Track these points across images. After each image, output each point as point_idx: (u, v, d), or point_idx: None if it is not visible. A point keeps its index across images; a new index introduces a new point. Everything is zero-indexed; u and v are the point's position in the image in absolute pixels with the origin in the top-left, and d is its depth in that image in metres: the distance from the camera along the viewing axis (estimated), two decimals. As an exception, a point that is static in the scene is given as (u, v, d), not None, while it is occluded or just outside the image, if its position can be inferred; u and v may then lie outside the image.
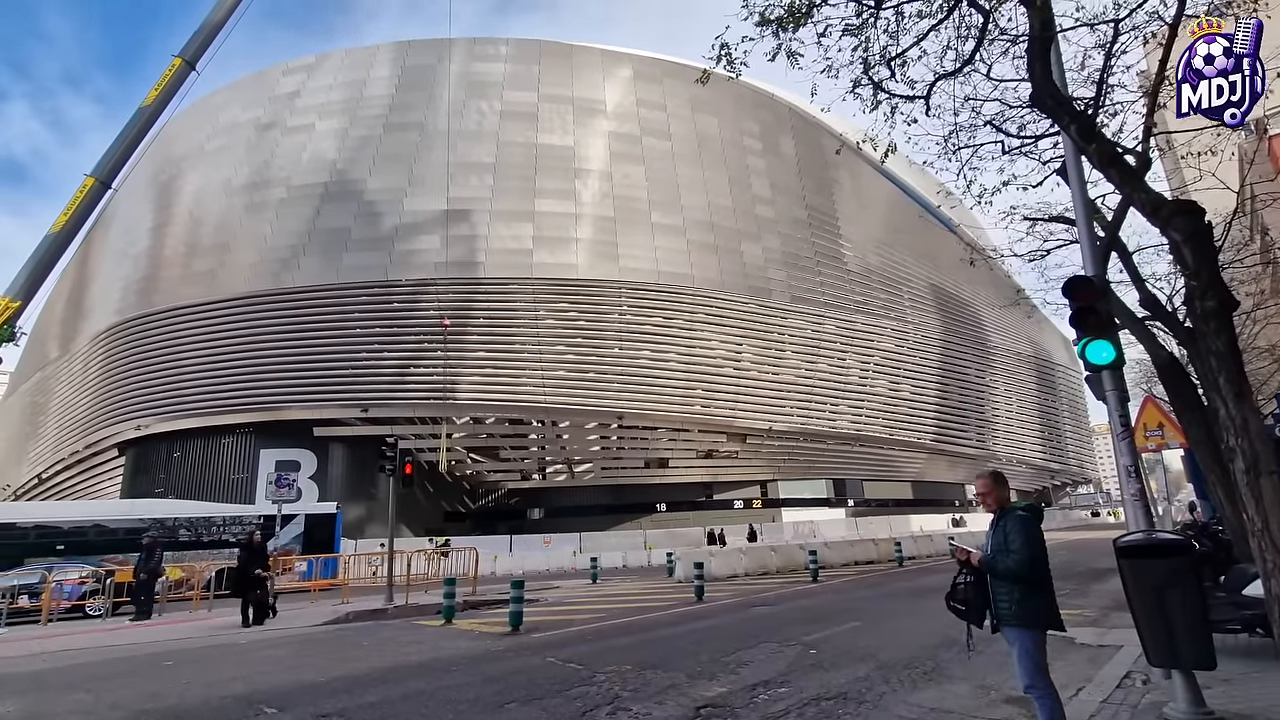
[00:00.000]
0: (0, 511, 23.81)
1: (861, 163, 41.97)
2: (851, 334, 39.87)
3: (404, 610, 12.89)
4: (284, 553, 20.30)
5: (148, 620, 13.61)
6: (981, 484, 3.84)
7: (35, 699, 6.65)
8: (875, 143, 7.65)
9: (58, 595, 14.86)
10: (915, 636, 7.80)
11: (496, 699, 5.59)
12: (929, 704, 4.94)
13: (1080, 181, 6.48)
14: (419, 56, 38.55)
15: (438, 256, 32.32)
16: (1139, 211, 4.90)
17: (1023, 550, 3.46)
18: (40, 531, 17.68)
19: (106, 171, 41.98)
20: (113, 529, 19.22)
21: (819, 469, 40.76)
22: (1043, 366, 55.50)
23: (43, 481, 39.12)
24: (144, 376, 33.14)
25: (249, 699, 6.04)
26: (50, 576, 14.87)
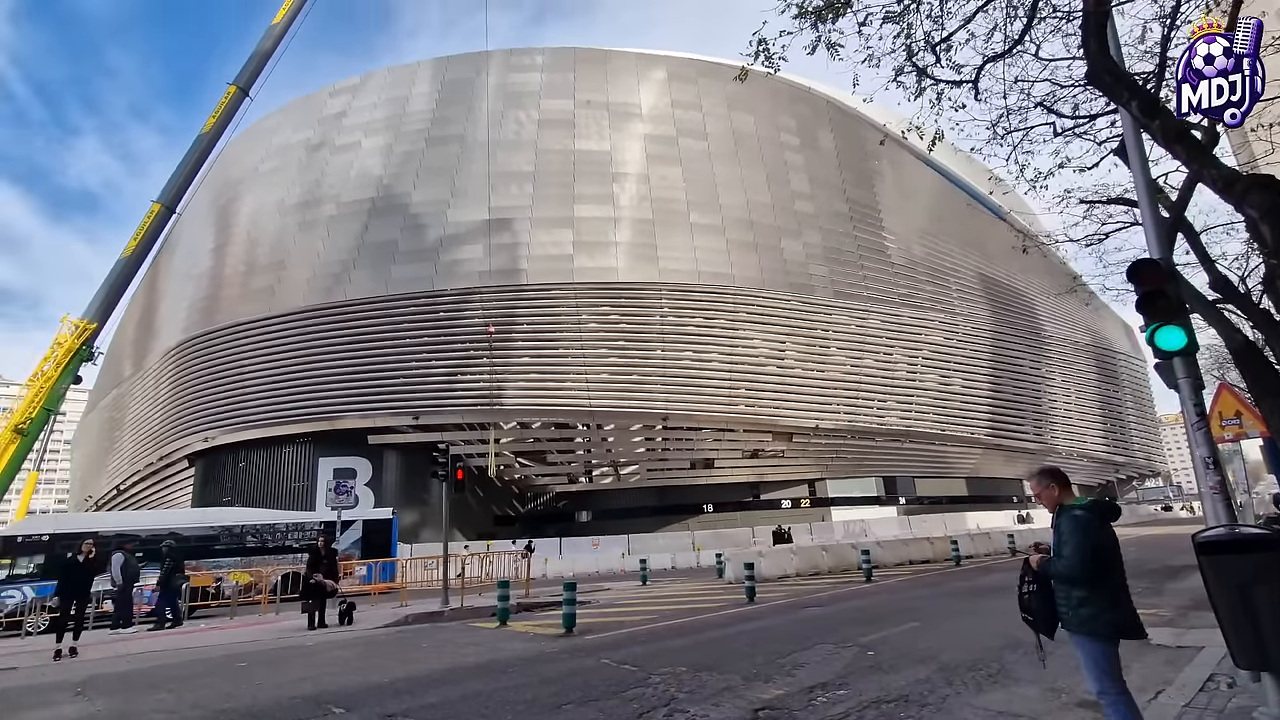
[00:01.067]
0: (84, 521, 25.30)
1: (904, 153, 41.05)
2: (898, 328, 38.92)
3: (460, 613, 13.16)
4: (343, 558, 20.97)
5: (178, 629, 13.92)
6: (1033, 484, 3.68)
7: (122, 699, 7.05)
8: (921, 131, 7.47)
9: (138, 600, 15.71)
10: (977, 637, 7.56)
11: (554, 700, 5.66)
12: (996, 707, 4.78)
13: (1142, 160, 6.18)
14: (458, 70, 39.42)
15: (481, 265, 32.94)
16: (1209, 188, 4.67)
17: (1073, 554, 3.27)
18: (120, 539, 18.66)
19: (171, 196, 44.32)
20: (185, 536, 20.19)
21: (868, 466, 39.90)
22: (1103, 355, 53.05)
23: (121, 492, 41.46)
24: (210, 391, 34.75)
25: (318, 699, 6.27)
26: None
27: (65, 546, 18.33)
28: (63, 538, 18.74)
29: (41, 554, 18.50)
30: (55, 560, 18.04)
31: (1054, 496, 3.56)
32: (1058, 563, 3.35)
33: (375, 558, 21.70)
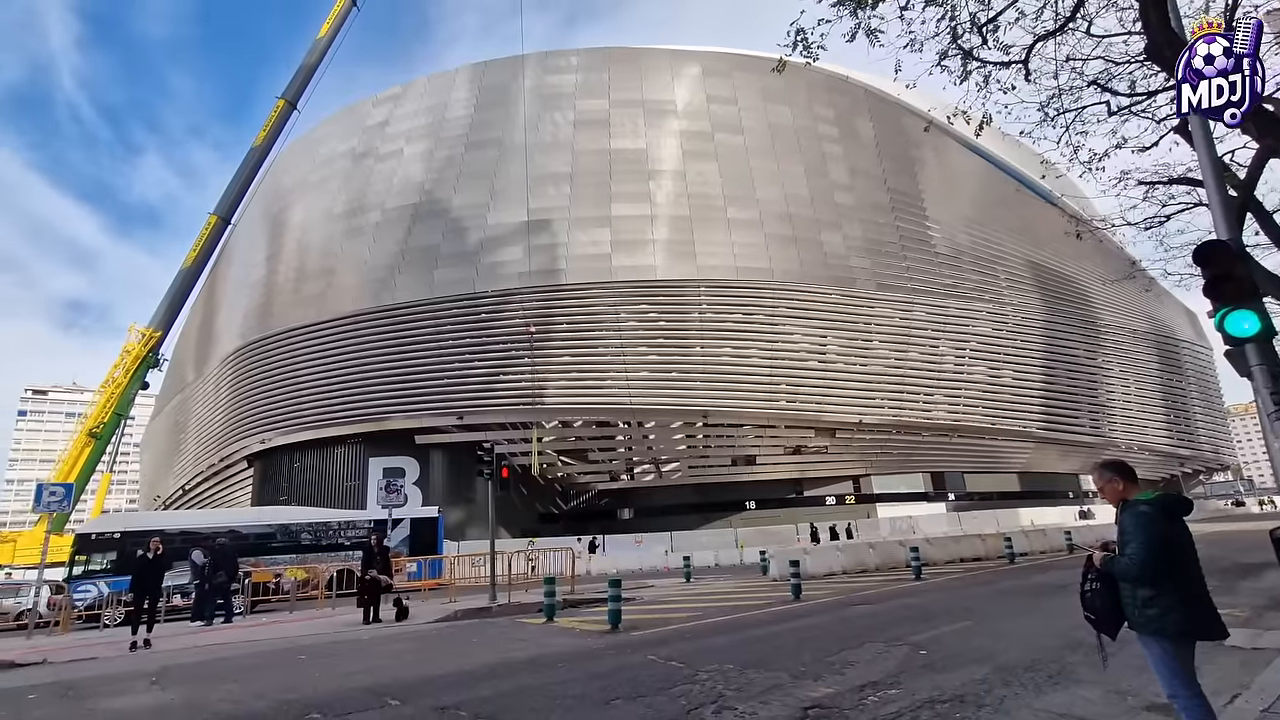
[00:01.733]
0: (151, 519, 26.62)
1: (947, 139, 39.90)
2: (944, 319, 37.88)
3: (507, 609, 13.39)
4: (393, 555, 21.58)
5: (227, 624, 14.33)
6: (1096, 477, 3.51)
7: (193, 689, 7.41)
8: (967, 116, 7.25)
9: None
10: (1035, 637, 7.31)
11: (602, 695, 5.71)
12: (1057, 709, 4.62)
13: (1206, 137, 5.87)
14: (495, 75, 40.00)
15: (521, 266, 33.39)
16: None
17: (1137, 551, 3.11)
18: (184, 537, 19.58)
19: (226, 208, 46.33)
20: (244, 534, 21.03)
21: (915, 462, 38.97)
22: (1164, 344, 50.57)
23: (186, 492, 43.52)
24: (265, 394, 36.15)
25: (374, 690, 6.47)
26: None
27: (134, 544, 19.31)
28: (132, 535, 19.74)
29: (113, 551, 19.50)
30: (126, 556, 19.04)
31: (1118, 491, 3.41)
32: (1121, 560, 3.21)
33: (422, 554, 22.24)
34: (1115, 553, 3.35)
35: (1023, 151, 40.34)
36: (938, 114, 14.81)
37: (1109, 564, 3.28)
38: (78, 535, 20.55)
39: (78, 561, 19.31)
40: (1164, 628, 3.12)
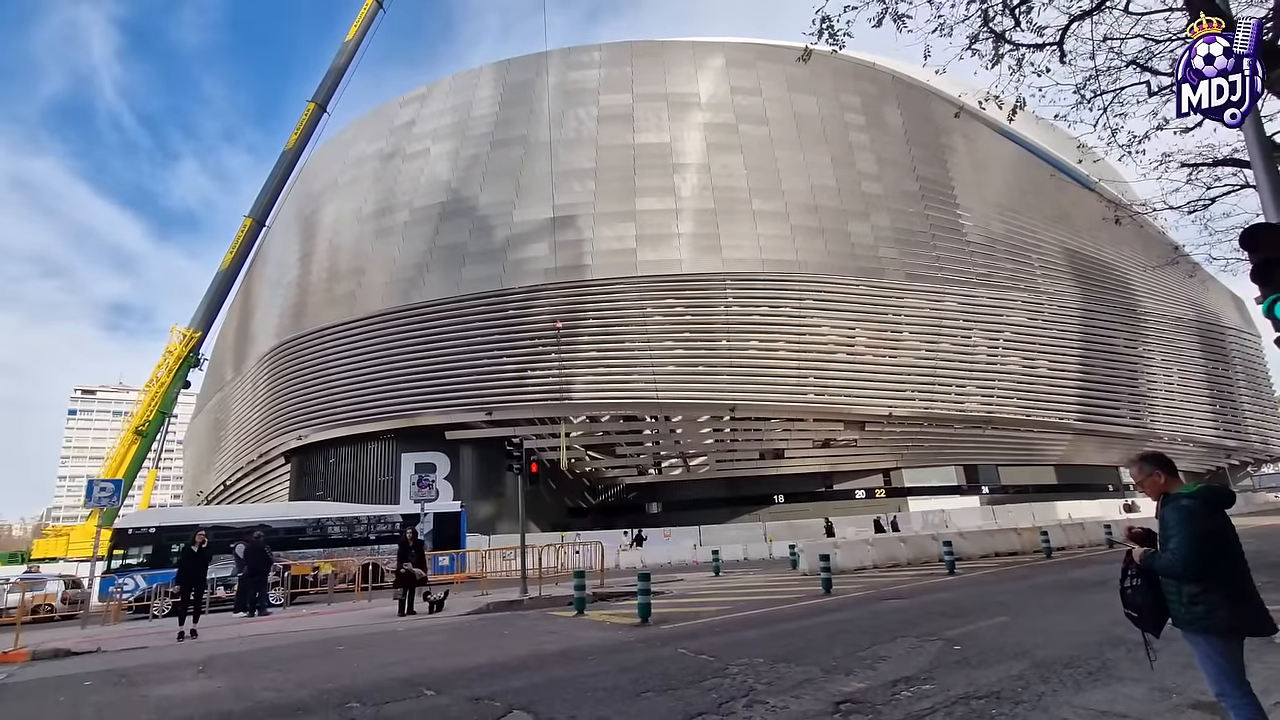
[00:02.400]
0: (186, 514, 27.44)
1: (979, 126, 38.97)
2: (976, 309, 37.08)
3: (538, 602, 13.55)
4: None
5: (265, 615, 14.74)
6: (1134, 470, 3.38)
7: (238, 677, 7.67)
8: (1000, 101, 7.07)
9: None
10: (1074, 633, 7.16)
11: (633, 688, 5.75)
12: (1098, 706, 4.53)
13: (1255, 115, 5.65)
14: (518, 73, 40.19)
15: (547, 263, 33.59)
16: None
17: (1179, 546, 3.02)
18: (217, 531, 20.12)
19: (260, 210, 47.47)
20: (274, 528, 21.48)
21: (947, 455, 38.30)
22: (1209, 331, 48.78)
23: (227, 488, 44.85)
24: (301, 392, 37.02)
25: (410, 681, 6.62)
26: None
27: (169, 539, 19.97)
28: (167, 530, 20.37)
29: (149, 545, 20.10)
30: (161, 551, 19.68)
31: (1159, 484, 3.31)
32: (1163, 556, 3.12)
33: (445, 548, 22.53)
34: (1151, 547, 3.26)
35: (1058, 136, 39.21)
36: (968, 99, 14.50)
37: (1150, 560, 3.20)
38: (115, 530, 21.12)
39: (115, 555, 19.96)
40: (1211, 624, 3.03)
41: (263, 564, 15.56)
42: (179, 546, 19.83)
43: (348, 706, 5.71)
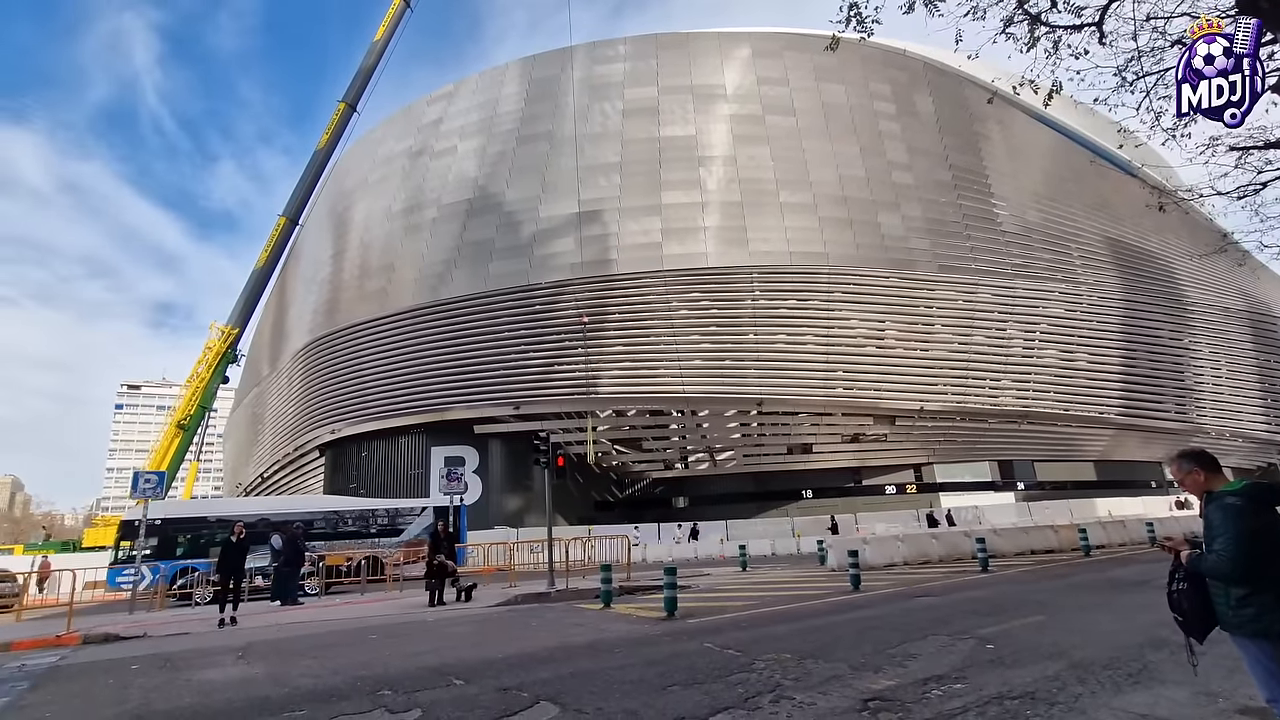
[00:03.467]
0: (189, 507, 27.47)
1: (1014, 111, 37.89)
2: (1011, 301, 36.15)
3: (565, 594, 13.66)
4: (416, 543, 21.74)
5: (298, 605, 15.09)
6: (1174, 468, 3.23)
7: (276, 663, 7.88)
8: (1035, 86, 6.84)
9: None
10: (1113, 634, 6.95)
11: (659, 681, 5.76)
12: (1138, 710, 4.39)
13: (1311, 97, 5.39)
14: (544, 69, 40.32)
15: (573, 258, 33.71)
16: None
17: (1226, 546, 2.89)
18: (221, 524, 20.35)
19: (294, 209, 48.58)
20: (276, 522, 21.61)
21: (981, 450, 37.48)
22: (1260, 321, 46.76)
23: (264, 480, 46.11)
24: (334, 386, 37.83)
25: (440, 670, 6.73)
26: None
27: (175, 530, 20.51)
28: (173, 522, 20.82)
29: (155, 537, 20.10)
30: (167, 542, 20.15)
31: (1199, 482, 3.17)
32: (1209, 558, 3.00)
33: None
34: (1199, 549, 3.14)
35: (1097, 120, 37.94)
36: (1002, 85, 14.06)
37: (1195, 562, 3.08)
38: (122, 522, 21.37)
39: (121, 547, 20.15)
40: (1261, 628, 2.91)
41: (297, 555, 15.97)
42: (185, 538, 20.37)
43: (380, 694, 5.83)
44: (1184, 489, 3.27)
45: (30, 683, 7.63)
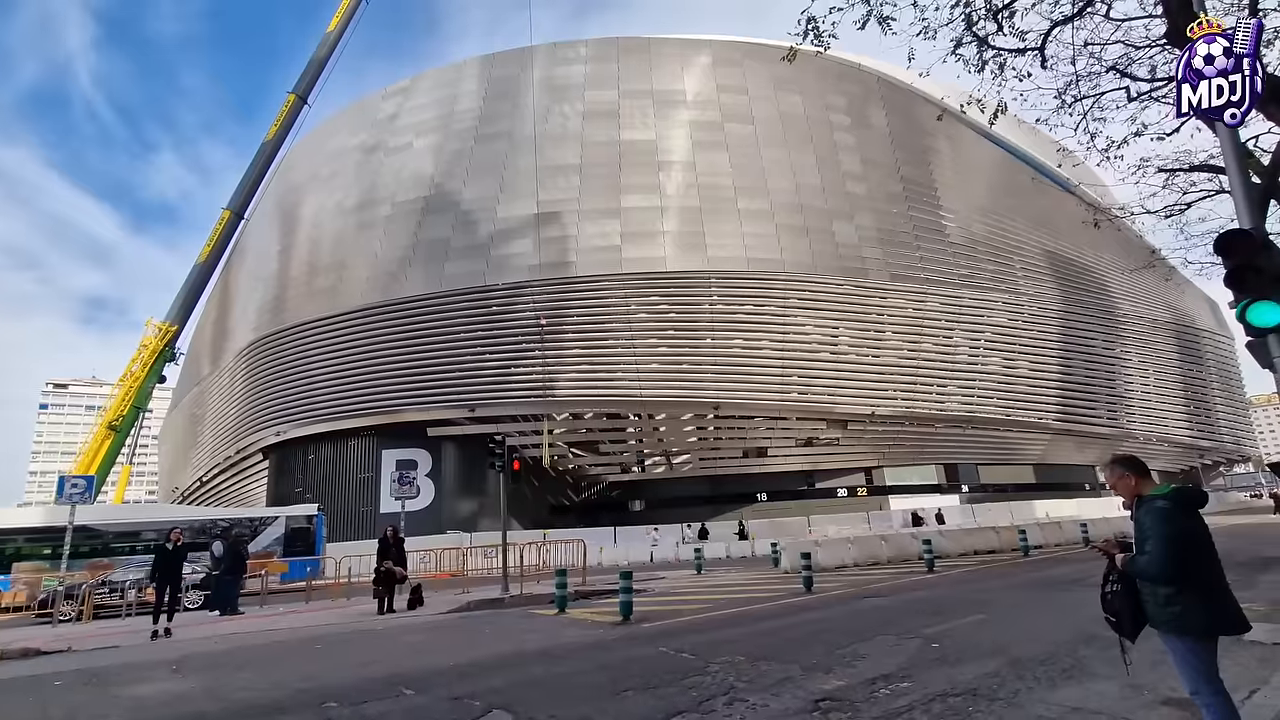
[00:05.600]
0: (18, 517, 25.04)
1: (962, 128, 39.32)
2: (958, 310, 37.51)
3: (519, 600, 13.49)
4: (264, 555, 20.82)
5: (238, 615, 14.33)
6: (1108, 474, 3.43)
7: (213, 676, 7.54)
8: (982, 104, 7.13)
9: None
10: (1049, 631, 7.27)
11: (613, 686, 5.74)
12: (1071, 703, 4.60)
13: (1229, 123, 5.75)
14: (503, 67, 39.90)
15: (531, 259, 33.40)
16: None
17: (1156, 548, 3.05)
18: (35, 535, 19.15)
19: (239, 203, 46.74)
20: (100, 533, 20.15)
21: (928, 454, 38.72)
22: (1185, 334, 49.78)
23: (204, 484, 44.11)
24: (280, 387, 36.50)
25: (389, 680, 6.55)
26: None
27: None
28: None
29: None
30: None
31: (1131, 486, 3.34)
32: (1140, 559, 3.16)
33: (299, 556, 21.20)
34: (1130, 551, 3.30)
35: (1039, 139, 39.73)
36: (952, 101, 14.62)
37: (1130, 564, 3.23)
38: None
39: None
40: (1186, 626, 3.08)
41: (238, 563, 15.34)
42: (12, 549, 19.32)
43: (325, 706, 5.64)
44: (1116, 492, 3.43)
45: (-62, 703, 7.10)
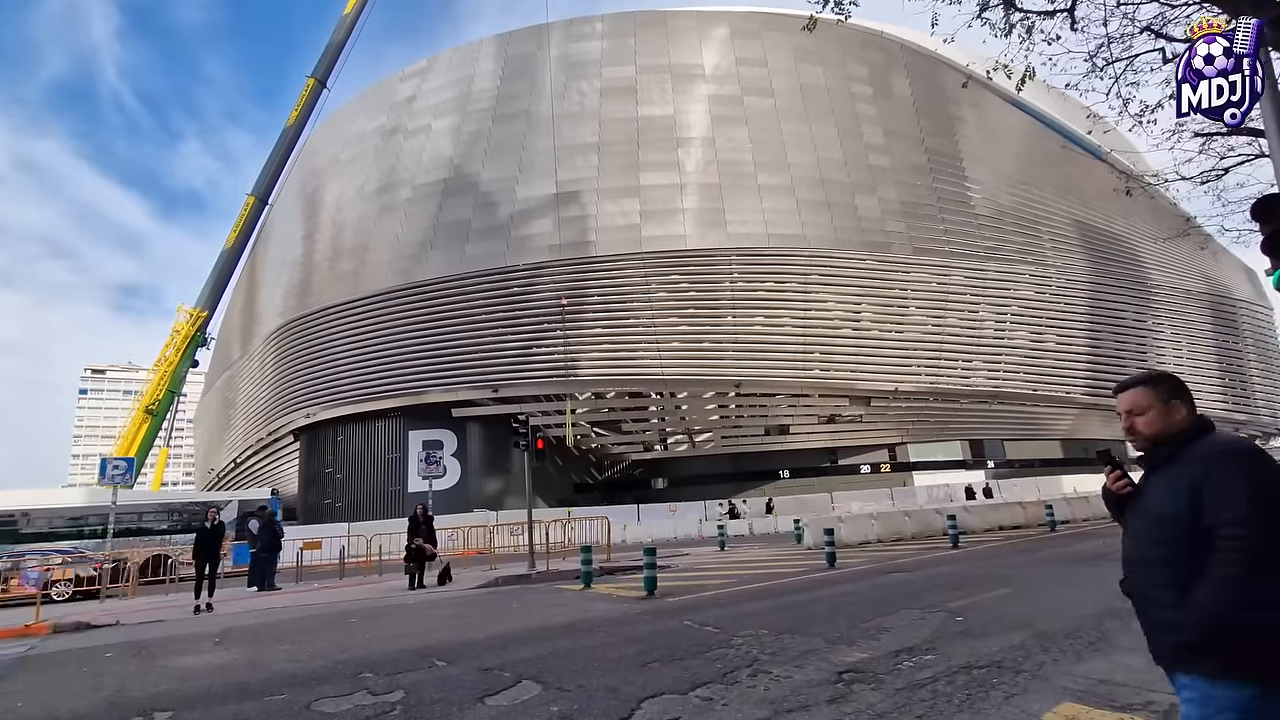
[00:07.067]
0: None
1: (989, 95, 38.23)
2: (984, 283, 36.78)
3: (545, 576, 13.75)
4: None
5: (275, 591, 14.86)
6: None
7: (254, 649, 7.85)
8: (1009, 70, 6.92)
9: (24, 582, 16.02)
10: (1075, 605, 7.23)
11: (639, 659, 5.86)
12: (1097, 675, 4.60)
13: (1272, 83, 5.53)
14: (519, 45, 39.55)
15: (551, 239, 33.40)
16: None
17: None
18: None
19: (263, 189, 47.32)
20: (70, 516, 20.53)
21: (953, 430, 38.33)
22: (1220, 304, 48.27)
23: (237, 465, 45.38)
24: (308, 370, 37.21)
25: (422, 652, 6.76)
26: None
27: None
28: None
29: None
30: None
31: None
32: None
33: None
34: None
35: (1069, 105, 38.47)
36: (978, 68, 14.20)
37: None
38: None
39: None
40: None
41: (274, 540, 15.84)
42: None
43: (361, 676, 5.85)
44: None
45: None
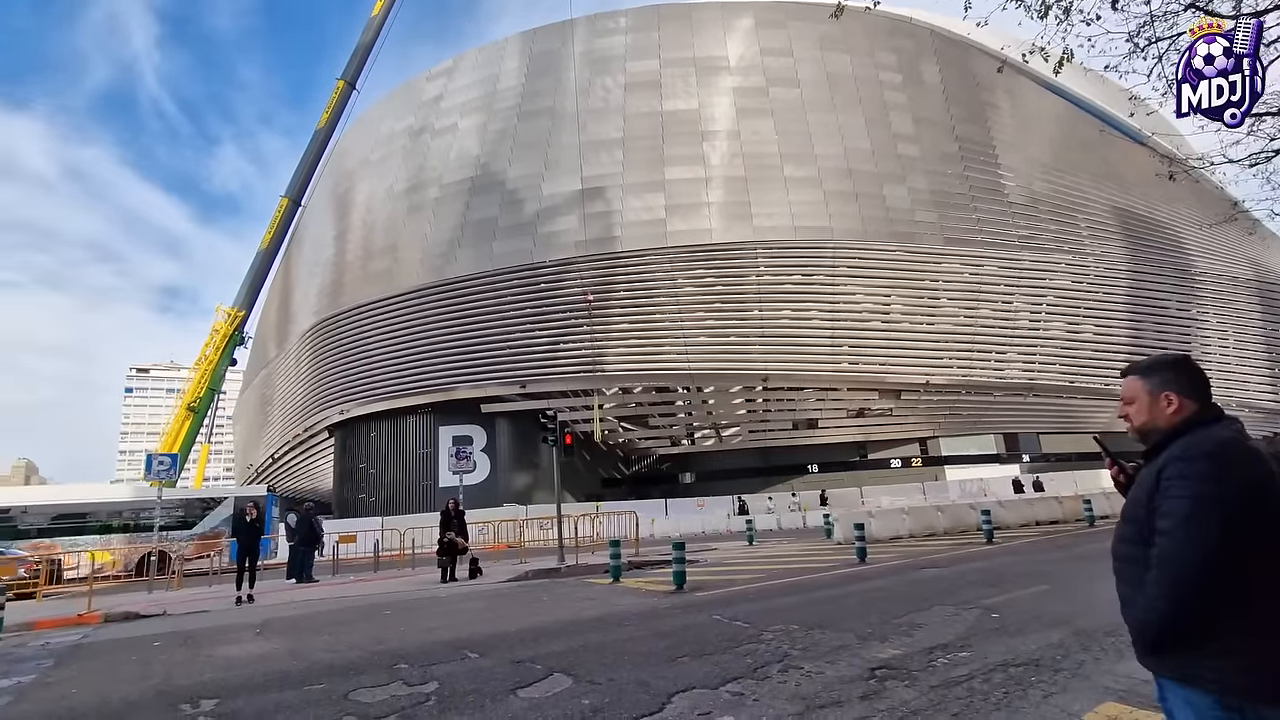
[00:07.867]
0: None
1: (1022, 80, 37.20)
2: (1018, 273, 35.86)
3: (574, 570, 13.86)
4: (213, 535, 21.30)
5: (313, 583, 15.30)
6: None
7: (293, 639, 8.07)
8: (1045, 53, 6.71)
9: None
10: (1116, 603, 6.93)
11: (669, 653, 5.88)
12: (1140, 675, 4.47)
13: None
14: (544, 42, 39.67)
15: (577, 235, 33.51)
16: None
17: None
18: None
19: (296, 190, 48.37)
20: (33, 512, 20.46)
21: (986, 423, 37.54)
22: (1269, 291, 46.31)
23: (275, 461, 46.61)
24: (341, 367, 38.00)
25: (454, 644, 6.88)
26: None
27: None
28: None
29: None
30: None
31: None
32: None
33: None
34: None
35: (1108, 88, 37.27)
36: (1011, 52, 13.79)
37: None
38: None
39: None
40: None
41: (312, 534, 16.24)
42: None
43: (397, 667, 5.98)
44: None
45: (54, 660, 7.85)
